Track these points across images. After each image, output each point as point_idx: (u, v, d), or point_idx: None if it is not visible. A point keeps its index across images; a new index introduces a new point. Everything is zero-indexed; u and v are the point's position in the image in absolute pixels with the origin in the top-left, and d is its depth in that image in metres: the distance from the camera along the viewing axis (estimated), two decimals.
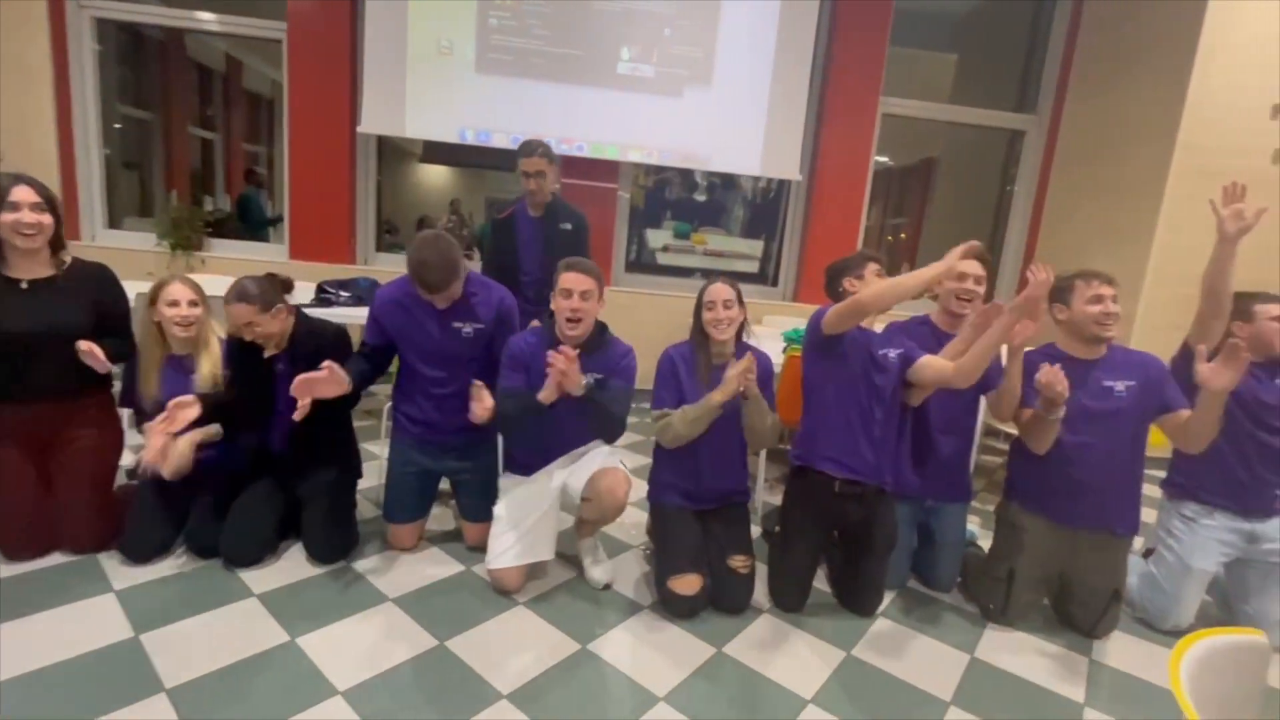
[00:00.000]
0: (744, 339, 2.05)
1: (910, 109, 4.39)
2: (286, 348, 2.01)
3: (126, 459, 2.17)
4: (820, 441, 1.94)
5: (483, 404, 1.89)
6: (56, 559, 1.91)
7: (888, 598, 2.11)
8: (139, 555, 1.92)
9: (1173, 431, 1.91)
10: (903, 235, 5.65)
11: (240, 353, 2.01)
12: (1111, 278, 1.90)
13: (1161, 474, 2.17)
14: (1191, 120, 3.42)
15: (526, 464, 2.03)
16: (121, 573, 1.87)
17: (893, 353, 1.92)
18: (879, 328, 2.03)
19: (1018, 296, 1.72)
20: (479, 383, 1.93)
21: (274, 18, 3.83)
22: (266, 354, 2.00)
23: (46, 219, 1.79)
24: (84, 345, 1.79)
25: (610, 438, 2.02)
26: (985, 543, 2.28)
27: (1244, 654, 0.93)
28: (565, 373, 1.76)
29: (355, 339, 2.13)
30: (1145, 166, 3.61)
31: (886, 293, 1.79)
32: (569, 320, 1.89)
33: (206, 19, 3.92)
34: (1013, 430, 2.09)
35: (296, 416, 1.78)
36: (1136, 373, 1.91)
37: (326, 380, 1.80)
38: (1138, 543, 2.23)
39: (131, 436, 2.11)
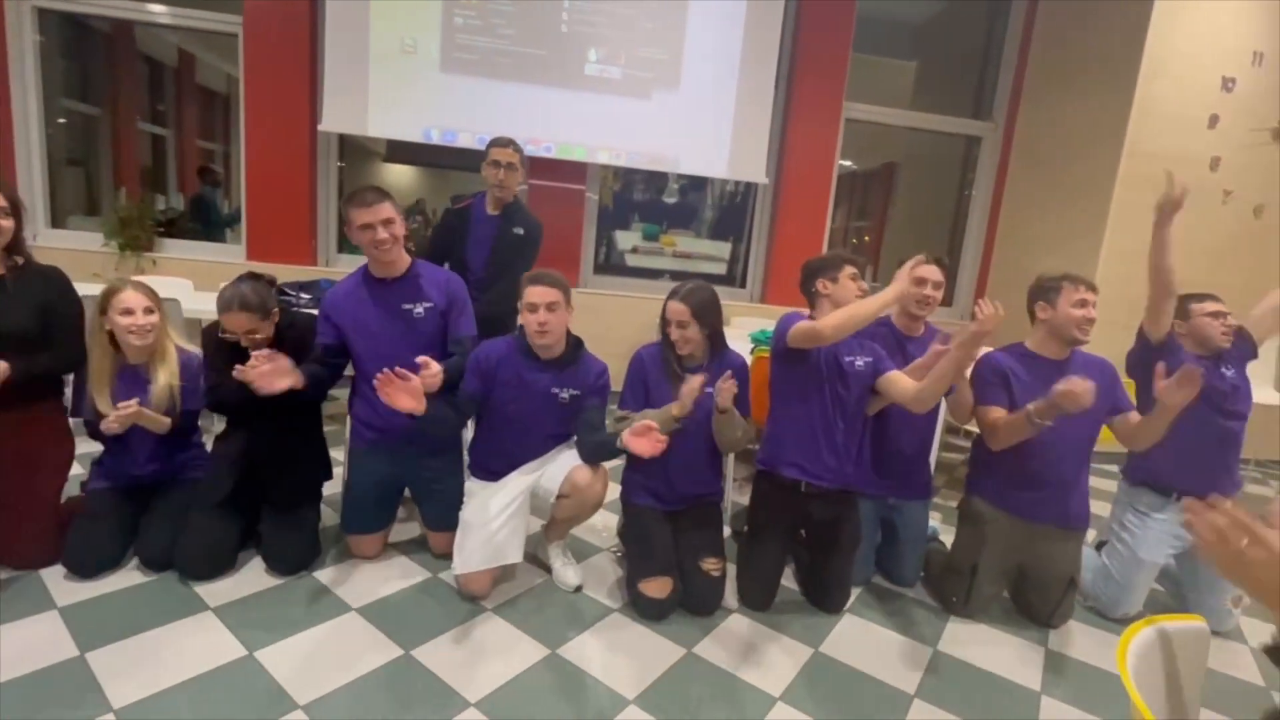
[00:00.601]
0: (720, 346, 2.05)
1: (872, 114, 4.49)
2: (274, 345, 1.93)
3: (77, 469, 2.07)
4: (785, 447, 1.97)
5: (428, 369, 1.76)
6: None
7: (854, 594, 2.15)
8: (85, 569, 1.84)
9: (1121, 431, 2.00)
10: (866, 238, 5.76)
11: (222, 354, 1.91)
12: (1095, 284, 1.97)
13: (1113, 468, 2.26)
14: (1136, 129, 3.58)
15: (494, 470, 2.00)
16: (66, 588, 1.79)
17: (860, 361, 1.95)
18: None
19: (966, 330, 1.68)
20: (424, 358, 1.79)
21: (229, 11, 3.72)
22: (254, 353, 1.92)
23: (7, 223, 1.70)
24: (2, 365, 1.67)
25: (600, 460, 1.97)
26: (947, 538, 2.34)
27: (1185, 639, 0.98)
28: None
29: None
30: (1094, 172, 3.76)
31: (845, 323, 1.79)
32: (537, 333, 1.88)
33: (157, 11, 3.78)
34: (974, 429, 2.15)
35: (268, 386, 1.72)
36: (1094, 374, 1.98)
37: (271, 373, 1.73)
38: (1090, 535, 2.32)
39: (83, 445, 2.02)
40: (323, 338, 2.04)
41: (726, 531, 2.35)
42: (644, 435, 1.76)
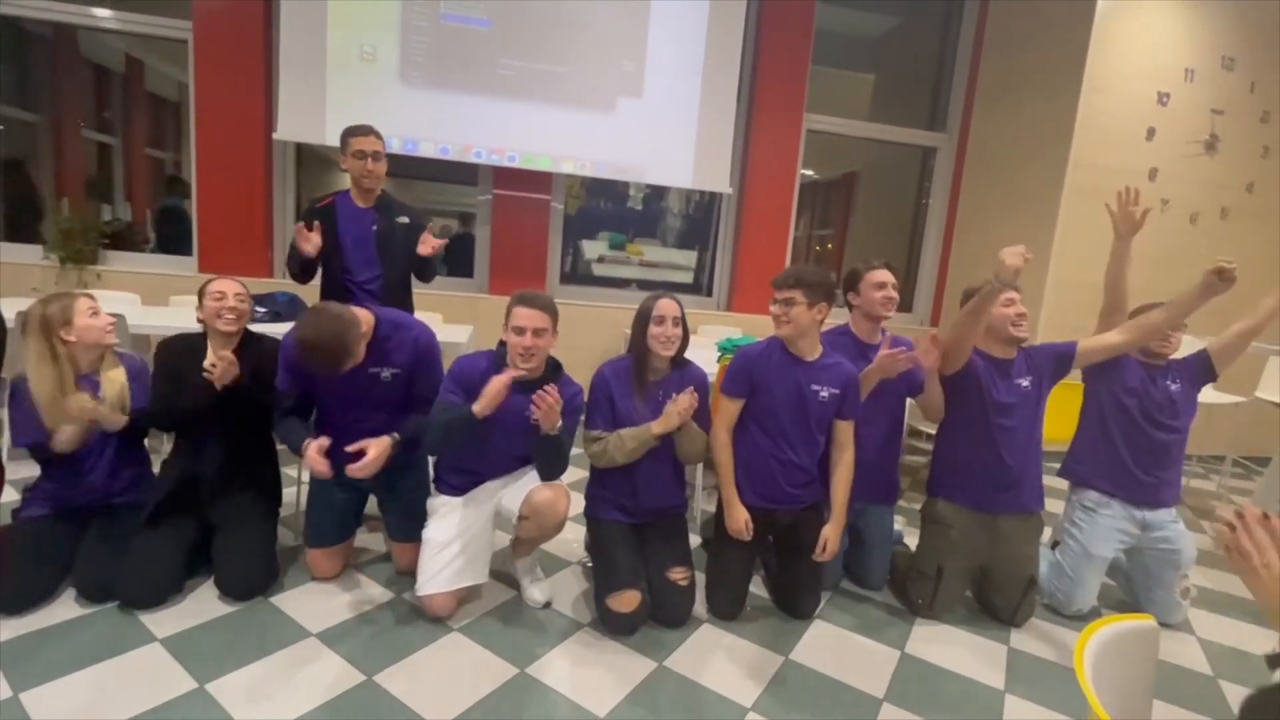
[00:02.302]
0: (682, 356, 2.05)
1: (833, 125, 4.59)
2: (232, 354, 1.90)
3: (8, 495, 1.96)
4: (746, 477, 1.99)
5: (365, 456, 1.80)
6: None
7: (823, 599, 2.16)
8: (14, 605, 1.72)
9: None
10: (829, 245, 5.87)
11: (178, 367, 1.88)
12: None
13: (1058, 465, 2.34)
14: (1080, 141, 3.74)
15: (458, 485, 1.96)
16: None
17: (826, 392, 1.95)
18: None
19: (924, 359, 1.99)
20: (360, 445, 1.82)
21: (178, 16, 3.60)
22: (207, 363, 1.86)
23: None
24: None
25: (553, 476, 1.92)
26: (911, 540, 2.38)
27: (1136, 638, 1.01)
28: (550, 409, 1.73)
29: None
30: (1042, 181, 3.91)
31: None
32: (521, 355, 1.82)
33: (102, 15, 3.65)
34: (932, 429, 2.22)
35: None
36: (1034, 368, 2.12)
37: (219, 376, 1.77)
38: (1046, 534, 2.39)
39: (15, 470, 1.90)
40: (285, 385, 1.93)
41: (695, 541, 2.35)
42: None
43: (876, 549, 2.26)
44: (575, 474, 3.00)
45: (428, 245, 2.44)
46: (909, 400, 2.25)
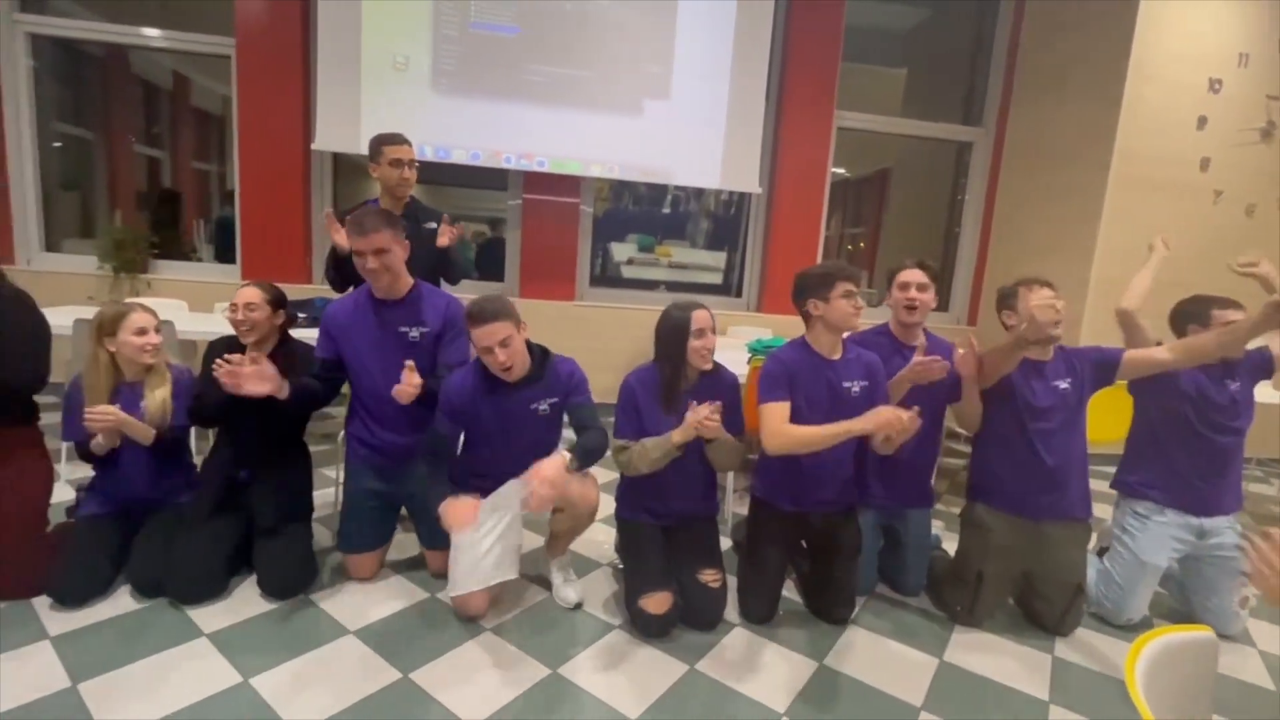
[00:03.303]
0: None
1: (864, 122, 4.51)
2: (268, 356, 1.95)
3: (65, 494, 2.05)
4: (779, 485, 1.97)
5: (410, 379, 1.84)
6: None
7: (858, 604, 2.12)
8: (73, 598, 1.80)
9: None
10: (861, 244, 5.78)
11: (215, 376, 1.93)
12: (1050, 281, 1.98)
13: (1112, 470, 2.25)
14: (1126, 131, 3.60)
15: (477, 487, 1.94)
16: (58, 618, 1.76)
17: (856, 386, 1.91)
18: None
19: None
20: (410, 362, 1.86)
21: (222, 33, 3.74)
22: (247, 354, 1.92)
23: None
24: None
25: (592, 463, 1.92)
26: (949, 545, 2.32)
27: (1193, 649, 0.96)
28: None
29: None
30: (1086, 174, 3.78)
31: (800, 445, 1.82)
32: (502, 371, 1.82)
33: (151, 35, 3.80)
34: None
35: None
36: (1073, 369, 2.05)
37: (252, 375, 1.78)
38: (1091, 541, 2.30)
39: (70, 470, 2.00)
40: (320, 352, 2.06)
41: (726, 543, 2.33)
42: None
43: (913, 553, 2.20)
44: (606, 475, 3.01)
45: (445, 235, 2.49)
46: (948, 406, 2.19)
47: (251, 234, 3.86)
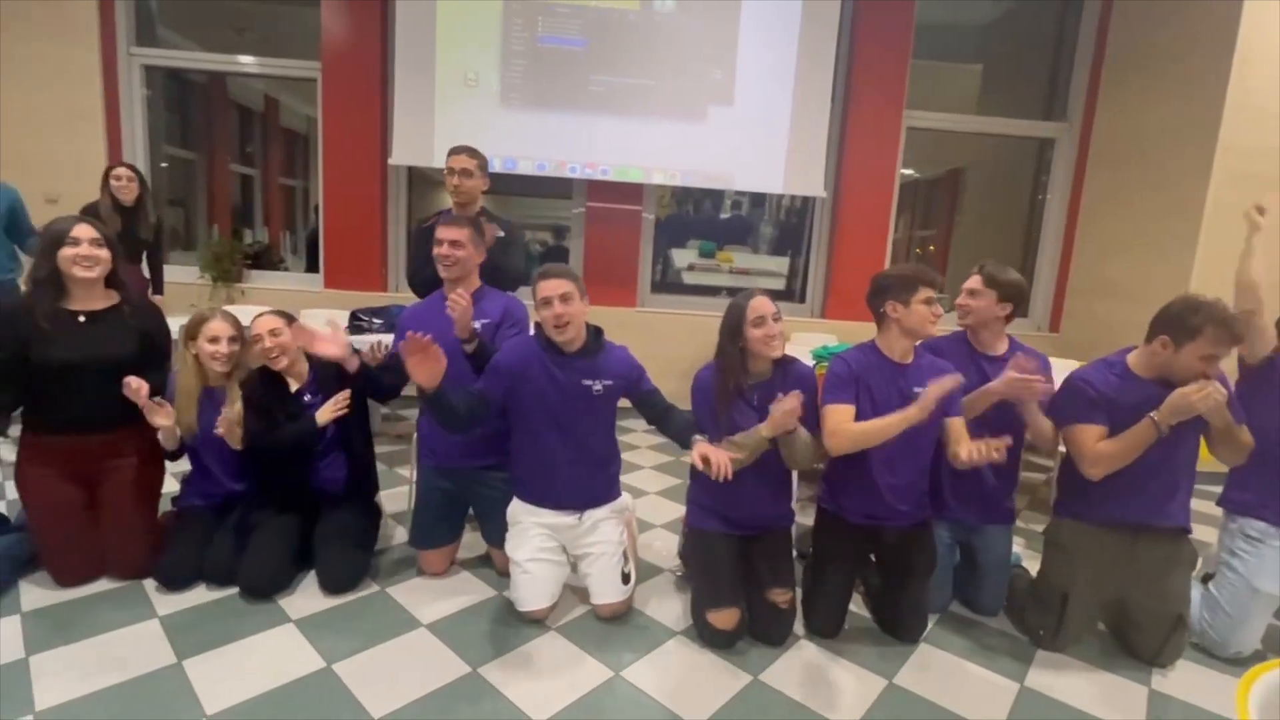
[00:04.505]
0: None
1: (936, 121, 4.36)
2: (309, 379, 2.08)
3: (170, 486, 2.23)
4: (847, 496, 1.91)
5: (464, 295, 1.91)
6: (103, 585, 1.97)
7: (930, 622, 2.04)
8: (173, 582, 1.96)
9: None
10: (931, 247, 5.55)
11: (266, 393, 2.04)
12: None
13: (1217, 489, 2.07)
14: (1230, 123, 3.32)
15: (535, 490, 1.97)
16: (166, 599, 1.92)
17: None
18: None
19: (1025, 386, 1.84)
20: (461, 289, 1.97)
21: (309, 58, 4.00)
22: (293, 389, 2.06)
23: (104, 253, 1.88)
24: (133, 383, 1.84)
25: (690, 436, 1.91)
26: (1030, 564, 2.19)
27: None
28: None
29: None
30: (1184, 171, 3.51)
31: (860, 440, 1.78)
32: (556, 328, 1.83)
33: (246, 62, 4.11)
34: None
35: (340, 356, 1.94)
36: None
37: (327, 339, 1.92)
38: (1197, 566, 2.12)
39: (174, 464, 2.18)
40: (395, 347, 2.15)
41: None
42: (713, 453, 1.72)
43: (992, 572, 2.09)
44: (665, 481, 3.01)
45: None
46: None
47: (333, 245, 4.09)
